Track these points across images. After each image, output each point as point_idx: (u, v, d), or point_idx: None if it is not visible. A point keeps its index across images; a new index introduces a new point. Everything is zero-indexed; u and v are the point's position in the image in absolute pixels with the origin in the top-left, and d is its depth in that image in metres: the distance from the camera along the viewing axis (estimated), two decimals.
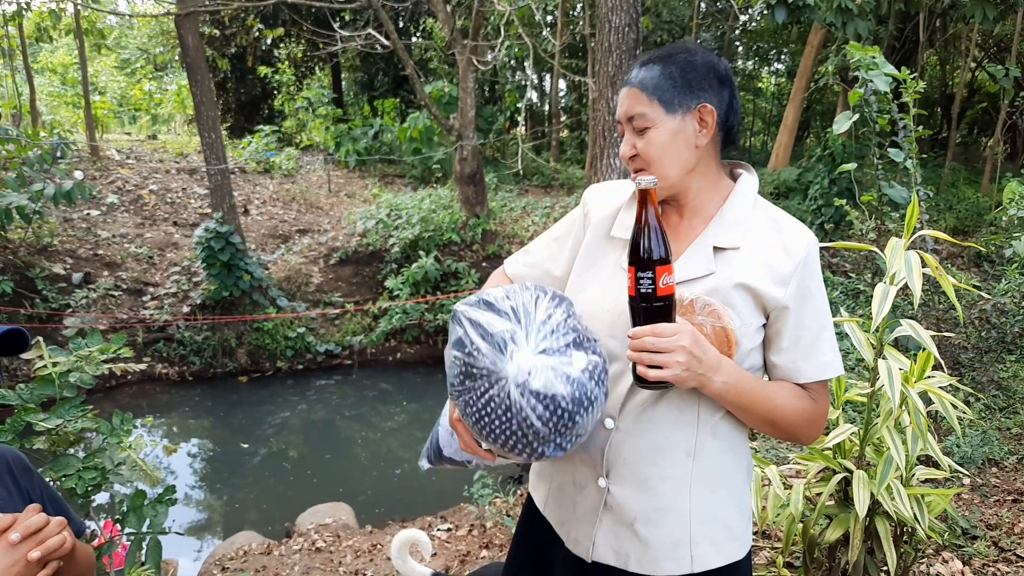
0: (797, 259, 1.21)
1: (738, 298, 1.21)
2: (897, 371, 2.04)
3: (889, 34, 11.04)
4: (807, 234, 1.25)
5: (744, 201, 1.27)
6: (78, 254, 8.45)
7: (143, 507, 2.27)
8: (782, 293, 1.21)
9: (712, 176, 1.29)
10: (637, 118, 1.23)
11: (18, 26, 11.62)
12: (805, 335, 1.23)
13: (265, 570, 3.81)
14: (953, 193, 10.88)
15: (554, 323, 1.13)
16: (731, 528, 1.29)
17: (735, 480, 1.31)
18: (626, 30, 5.16)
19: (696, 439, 1.24)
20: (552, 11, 13.13)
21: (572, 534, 1.35)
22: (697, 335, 1.13)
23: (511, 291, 1.18)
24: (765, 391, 1.22)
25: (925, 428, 2.09)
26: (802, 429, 1.27)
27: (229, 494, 5.79)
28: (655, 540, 1.26)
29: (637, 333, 1.11)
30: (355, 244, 9.30)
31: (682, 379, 1.12)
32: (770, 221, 1.27)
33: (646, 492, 1.26)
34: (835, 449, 2.35)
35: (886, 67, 2.90)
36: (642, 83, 1.23)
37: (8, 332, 1.07)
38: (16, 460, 1.24)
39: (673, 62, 1.24)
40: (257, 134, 13.05)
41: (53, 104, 16.43)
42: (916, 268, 1.95)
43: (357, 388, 7.94)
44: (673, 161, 1.23)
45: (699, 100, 1.22)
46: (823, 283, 1.27)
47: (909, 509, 2.14)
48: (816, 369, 1.24)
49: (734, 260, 1.22)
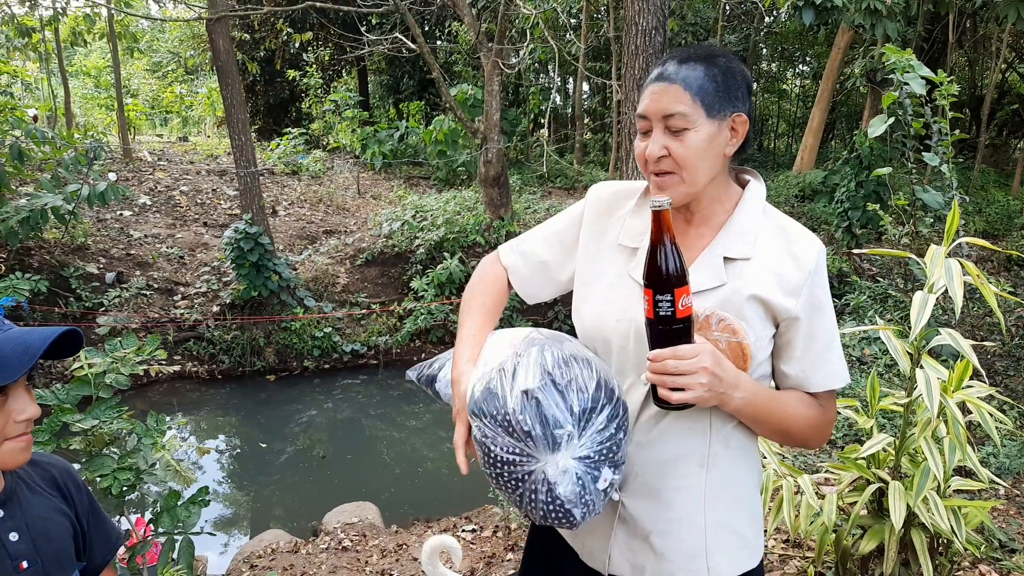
0: (807, 269, 1.20)
1: (750, 310, 1.19)
2: (936, 381, 2.01)
3: (917, 35, 10.88)
4: (815, 242, 1.24)
5: (753, 210, 1.25)
6: (111, 254, 8.61)
7: (176, 507, 2.30)
8: (793, 304, 1.19)
9: (724, 185, 1.27)
10: (677, 117, 1.16)
11: (54, 30, 11.88)
12: (815, 345, 1.22)
13: (292, 568, 3.85)
14: (982, 196, 10.70)
15: (604, 436, 1.12)
16: (744, 537, 1.29)
17: (747, 488, 1.30)
18: (653, 33, 5.14)
19: (709, 449, 1.24)
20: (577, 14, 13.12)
21: (587, 547, 1.35)
22: (717, 354, 1.12)
23: (580, 381, 1.12)
24: (779, 403, 1.22)
25: (964, 440, 2.05)
26: (811, 437, 1.27)
27: (256, 491, 5.86)
28: (670, 552, 1.25)
29: (658, 356, 1.09)
30: (381, 245, 9.36)
31: (704, 399, 1.11)
32: (779, 230, 1.24)
33: (659, 504, 1.25)
34: (869, 459, 2.31)
35: (922, 69, 2.86)
36: (685, 81, 1.17)
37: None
38: (68, 474, 1.27)
39: (715, 64, 1.20)
40: (285, 136, 13.21)
41: (87, 107, 16.79)
42: (958, 277, 1.91)
43: (382, 388, 7.99)
44: (704, 168, 1.19)
45: (735, 108, 1.20)
46: (828, 287, 1.25)
47: (946, 521, 2.10)
48: (827, 379, 1.24)
49: (745, 271, 1.20)
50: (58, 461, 1.29)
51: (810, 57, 16.71)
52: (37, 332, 1.08)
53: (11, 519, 1.12)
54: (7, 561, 1.09)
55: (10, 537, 1.10)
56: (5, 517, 1.11)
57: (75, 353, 1.16)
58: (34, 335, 1.08)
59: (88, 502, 1.28)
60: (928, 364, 2.11)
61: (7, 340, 1.05)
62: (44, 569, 1.14)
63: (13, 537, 1.11)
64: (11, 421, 1.07)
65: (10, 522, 1.11)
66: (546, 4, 10.14)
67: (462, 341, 1.36)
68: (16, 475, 1.17)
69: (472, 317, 1.39)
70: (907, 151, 3.19)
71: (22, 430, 1.09)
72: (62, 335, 1.09)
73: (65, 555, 1.19)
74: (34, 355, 1.05)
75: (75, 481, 1.27)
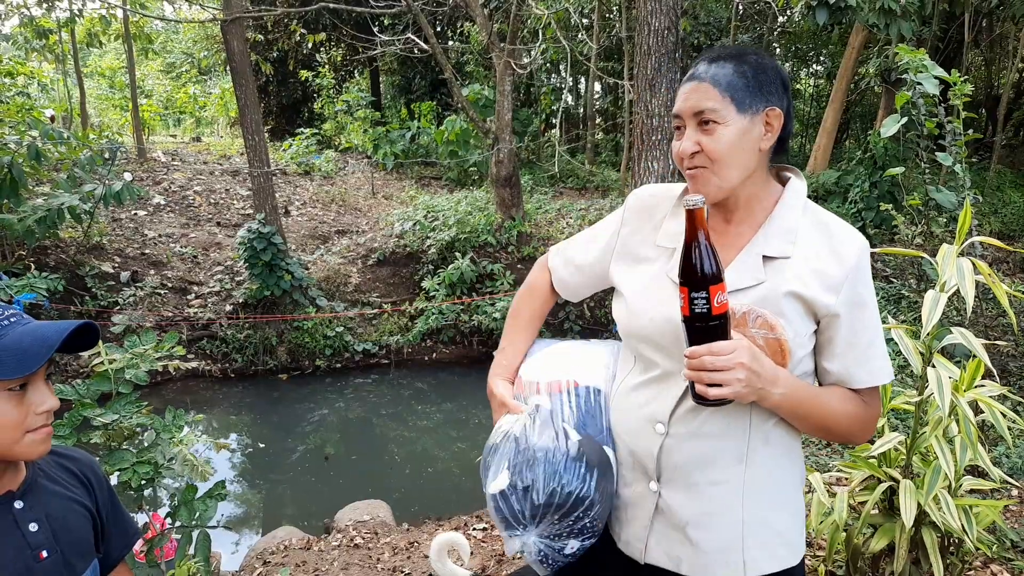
0: (848, 265, 1.20)
1: (788, 307, 1.19)
2: (947, 379, 2.01)
3: (932, 35, 10.80)
4: (858, 238, 1.24)
5: (794, 208, 1.25)
6: (126, 253, 8.71)
7: (193, 501, 2.34)
8: (833, 300, 1.19)
9: (763, 182, 1.28)
10: (708, 113, 1.19)
11: (70, 32, 12.02)
12: (858, 342, 1.22)
13: (305, 565, 3.89)
14: (998, 197, 10.60)
15: (563, 524, 1.28)
16: (784, 534, 1.29)
17: (788, 486, 1.31)
18: (665, 33, 5.14)
19: (748, 446, 1.24)
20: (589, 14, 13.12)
21: (624, 535, 1.37)
22: (754, 350, 1.13)
23: (539, 484, 1.27)
24: (820, 399, 1.22)
25: (975, 439, 2.05)
26: (855, 433, 1.28)
27: (267, 489, 5.91)
28: (706, 544, 1.26)
29: (695, 353, 1.11)
30: (392, 245, 9.41)
31: (742, 395, 1.12)
32: (820, 225, 1.25)
33: (697, 497, 1.26)
34: (880, 457, 2.32)
35: (935, 69, 2.86)
36: (715, 79, 1.20)
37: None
38: (89, 467, 1.29)
39: (745, 61, 1.22)
40: (298, 137, 13.30)
41: (101, 107, 16.96)
42: (969, 275, 1.92)
43: (394, 387, 8.03)
44: (738, 162, 1.21)
45: (768, 103, 1.21)
46: (871, 282, 1.25)
47: (957, 520, 2.10)
48: (870, 375, 1.24)
49: (784, 268, 1.21)
50: (79, 454, 1.31)
51: (824, 57, 16.64)
52: (54, 325, 1.11)
53: (31, 510, 1.13)
54: (27, 551, 1.11)
55: (30, 527, 1.12)
56: (25, 508, 1.13)
57: (91, 347, 1.18)
58: (51, 328, 1.10)
59: (108, 495, 1.30)
60: (940, 363, 2.11)
61: (26, 333, 1.08)
62: (63, 559, 1.15)
63: (33, 527, 1.12)
64: (31, 413, 1.10)
65: (30, 512, 1.13)
66: (558, 4, 10.15)
67: (501, 350, 1.54)
68: (37, 466, 1.19)
69: (512, 326, 1.56)
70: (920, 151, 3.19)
71: (42, 422, 1.12)
72: (78, 329, 1.11)
73: (84, 546, 1.21)
74: (52, 347, 1.08)
75: (96, 474, 1.29)
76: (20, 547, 1.10)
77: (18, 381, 1.07)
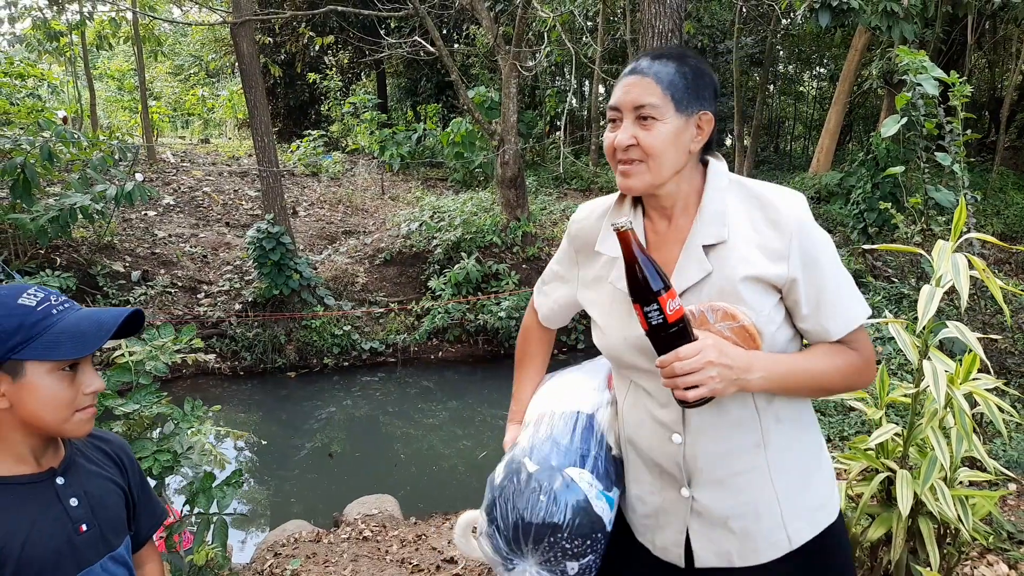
0: (789, 230, 1.21)
1: (746, 291, 1.21)
2: (942, 372, 2.07)
3: (936, 37, 10.84)
4: (791, 199, 1.25)
5: (719, 189, 1.27)
6: (137, 253, 8.81)
7: (211, 488, 2.42)
8: (785, 269, 1.21)
9: (691, 176, 1.30)
10: (648, 108, 1.21)
11: (80, 34, 12.15)
12: (823, 297, 1.23)
13: (315, 556, 3.96)
14: (1001, 198, 10.62)
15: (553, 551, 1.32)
16: (817, 497, 1.33)
17: (809, 454, 1.34)
18: (669, 35, 5.21)
19: (762, 429, 1.28)
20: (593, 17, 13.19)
21: (659, 541, 1.39)
22: (720, 344, 1.15)
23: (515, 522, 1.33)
24: (805, 365, 1.24)
25: (970, 430, 2.11)
26: (854, 382, 1.29)
27: (276, 486, 5.98)
28: (751, 531, 1.30)
29: (663, 362, 1.14)
30: (399, 245, 9.49)
31: (720, 390, 1.14)
32: (751, 199, 1.26)
33: (730, 491, 1.29)
34: (878, 449, 2.38)
35: (935, 71, 2.92)
36: (657, 76, 1.22)
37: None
38: (122, 449, 1.36)
39: (686, 63, 1.25)
40: (305, 138, 13.40)
41: (110, 109, 17.10)
42: (963, 270, 1.98)
43: (400, 385, 8.10)
44: (671, 159, 1.23)
45: (701, 107, 1.25)
46: (825, 238, 1.25)
47: (953, 510, 2.16)
48: (845, 323, 1.25)
49: (728, 253, 1.23)
50: (113, 437, 1.39)
51: (827, 59, 16.66)
52: (109, 312, 1.19)
53: (71, 486, 1.21)
54: (69, 524, 1.18)
55: (71, 502, 1.20)
56: (66, 484, 1.20)
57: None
58: (107, 314, 1.18)
59: (139, 476, 1.38)
60: (936, 356, 2.17)
61: (83, 317, 1.16)
62: (101, 533, 1.23)
63: (73, 502, 1.20)
64: (80, 393, 1.17)
65: (70, 489, 1.21)
66: (563, 7, 10.23)
67: (513, 394, 1.65)
68: (75, 447, 1.27)
69: (517, 371, 1.67)
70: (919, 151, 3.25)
71: (89, 402, 1.19)
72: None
73: (118, 521, 1.28)
74: (108, 331, 1.15)
75: (128, 455, 1.37)
76: (63, 520, 1.18)
77: (70, 362, 1.14)
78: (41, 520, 1.15)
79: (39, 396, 1.13)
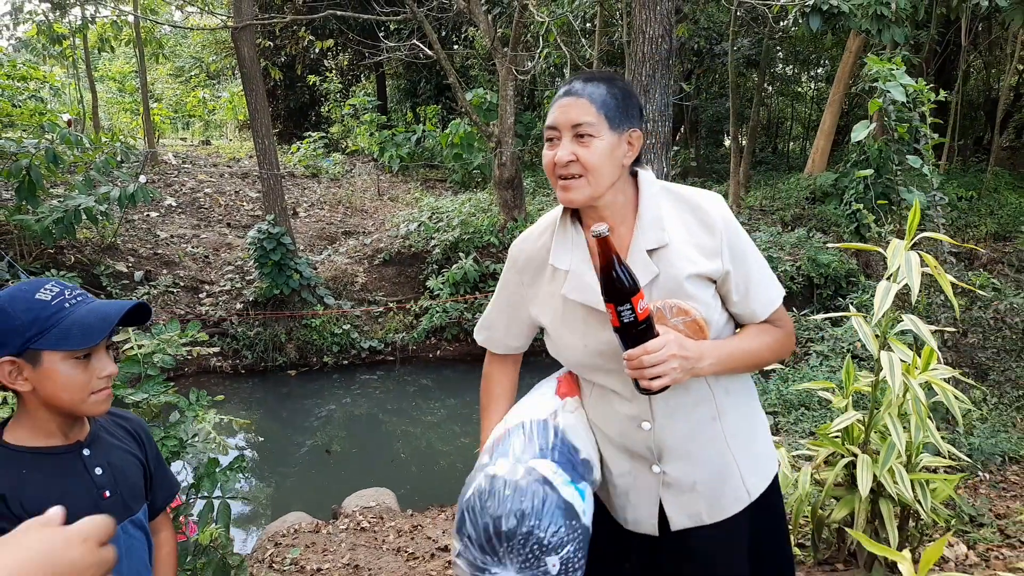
0: (718, 229, 1.37)
1: (691, 287, 1.37)
2: (898, 362, 2.21)
3: (931, 39, 10.96)
4: (714, 201, 1.40)
5: (653, 197, 1.41)
6: (139, 253, 8.96)
7: (216, 473, 2.56)
8: (719, 263, 1.37)
9: (625, 188, 1.44)
10: (585, 126, 1.34)
11: (83, 37, 12.30)
12: (750, 283, 1.41)
13: (314, 546, 4.11)
14: (995, 198, 10.75)
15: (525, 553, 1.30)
16: (763, 452, 1.54)
17: (753, 416, 1.54)
18: (659, 41, 5.35)
19: (716, 404, 1.46)
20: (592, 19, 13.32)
21: (632, 516, 1.54)
22: (679, 339, 1.31)
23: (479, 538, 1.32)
24: (742, 347, 1.42)
25: (925, 415, 2.26)
26: (781, 352, 1.48)
27: (277, 481, 6.11)
28: (716, 492, 1.47)
29: (632, 355, 1.28)
30: (398, 246, 9.63)
31: (679, 379, 1.31)
32: (681, 204, 1.41)
33: (695, 461, 1.46)
34: (843, 436, 2.52)
35: (903, 78, 3.06)
36: (591, 96, 1.35)
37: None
38: (140, 426, 1.51)
39: (615, 85, 1.39)
40: (306, 140, 13.55)
41: (111, 111, 17.24)
42: (915, 267, 2.12)
43: (399, 383, 8.24)
44: (607, 172, 1.36)
45: (631, 125, 1.39)
46: (743, 231, 1.42)
47: (910, 492, 2.31)
48: (768, 304, 1.44)
49: (669, 255, 1.37)
50: (131, 415, 1.54)
51: (825, 60, 16.80)
52: (114, 304, 1.32)
53: (95, 457, 1.36)
54: (94, 490, 1.33)
55: (96, 471, 1.34)
56: (91, 455, 1.35)
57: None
58: (112, 306, 1.32)
59: (155, 451, 1.52)
60: (895, 347, 2.32)
61: (90, 312, 1.29)
62: (122, 500, 1.37)
63: (98, 471, 1.35)
64: (94, 377, 1.31)
65: (94, 459, 1.35)
66: (560, 10, 10.37)
67: (482, 433, 1.64)
68: (99, 423, 1.42)
69: (484, 415, 1.68)
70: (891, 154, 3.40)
71: (104, 385, 1.33)
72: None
73: (137, 490, 1.43)
74: (111, 323, 1.29)
75: (145, 431, 1.52)
76: (89, 486, 1.33)
77: (83, 351, 1.28)
78: (71, 486, 1.30)
79: (56, 381, 1.26)
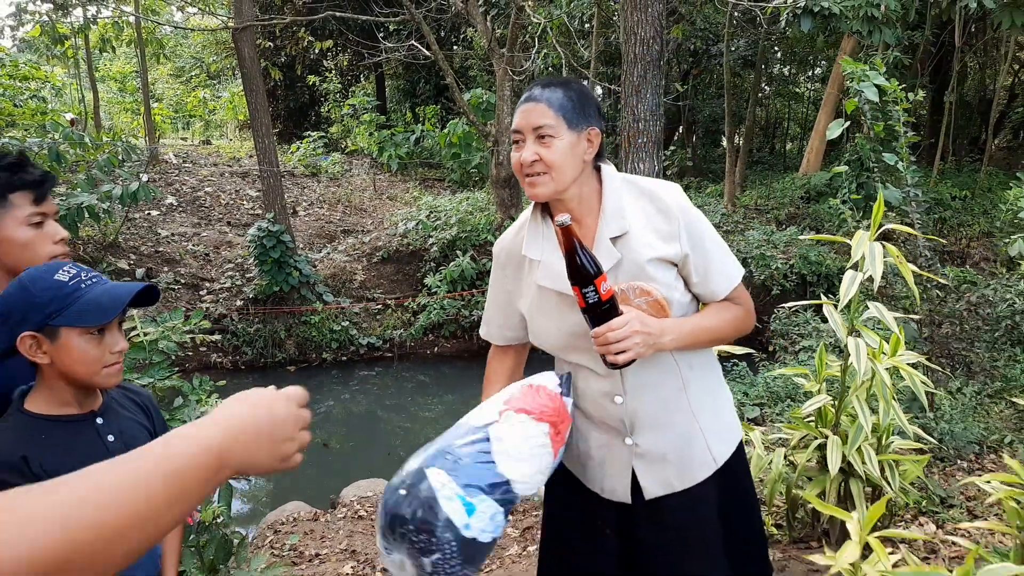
0: (675, 215, 1.48)
1: (652, 270, 1.48)
2: (864, 347, 2.33)
3: (925, 40, 11.08)
4: (671, 190, 1.52)
5: (616, 190, 1.53)
6: (141, 251, 9.08)
7: None
8: (677, 247, 1.48)
9: (589, 182, 1.55)
10: (545, 128, 1.45)
11: (84, 38, 12.42)
12: (709, 265, 1.52)
13: (313, 533, 4.23)
14: (988, 197, 10.87)
15: (448, 551, 1.31)
16: (727, 422, 1.65)
17: (717, 388, 1.66)
18: (651, 42, 5.46)
19: (682, 377, 1.57)
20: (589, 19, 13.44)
21: (607, 487, 1.65)
22: (641, 316, 1.43)
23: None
24: (703, 324, 1.54)
25: (890, 398, 2.38)
26: (741, 328, 1.59)
27: (276, 476, 6.22)
28: (685, 459, 1.58)
29: (597, 333, 1.39)
30: (396, 244, 9.76)
31: (642, 354, 1.41)
32: (641, 194, 1.53)
33: (664, 431, 1.57)
34: (817, 419, 2.64)
35: (877, 79, 3.18)
36: (549, 101, 1.46)
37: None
38: (148, 399, 1.64)
39: (571, 89, 1.50)
40: (305, 139, 13.67)
41: (112, 110, 17.36)
42: (878, 256, 2.24)
43: (397, 379, 8.36)
44: (568, 168, 1.47)
45: (589, 124, 1.49)
46: (702, 216, 1.53)
47: (877, 471, 2.43)
48: (727, 283, 1.54)
49: (631, 241, 1.49)
50: (140, 389, 1.66)
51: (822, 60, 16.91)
52: (125, 286, 1.45)
53: (108, 426, 1.48)
54: (108, 456, 1.44)
55: (108, 438, 1.46)
56: (104, 424, 1.47)
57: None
58: (122, 288, 1.44)
59: (162, 423, 1.65)
60: (865, 334, 2.44)
61: (104, 292, 1.42)
62: None
63: (111, 439, 1.46)
64: (107, 352, 1.43)
65: (108, 428, 1.47)
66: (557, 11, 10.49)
67: None
68: (111, 395, 1.53)
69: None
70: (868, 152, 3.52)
71: (116, 359, 1.45)
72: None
73: None
74: (124, 302, 1.41)
75: (153, 405, 1.64)
76: (103, 453, 1.44)
77: (98, 328, 1.40)
78: (85, 452, 1.41)
79: (72, 354, 1.38)
